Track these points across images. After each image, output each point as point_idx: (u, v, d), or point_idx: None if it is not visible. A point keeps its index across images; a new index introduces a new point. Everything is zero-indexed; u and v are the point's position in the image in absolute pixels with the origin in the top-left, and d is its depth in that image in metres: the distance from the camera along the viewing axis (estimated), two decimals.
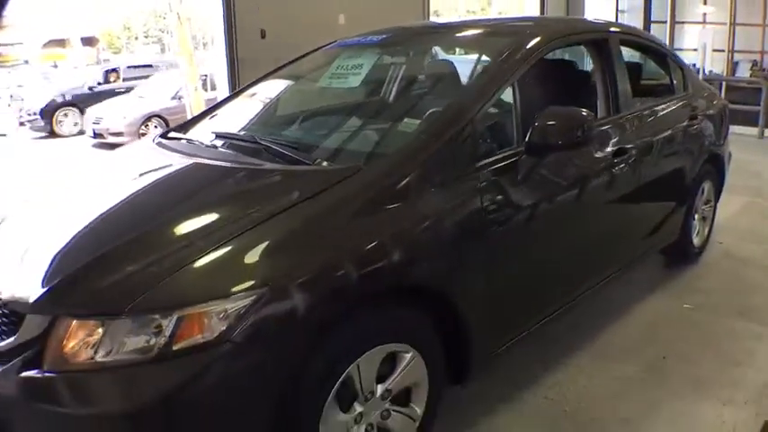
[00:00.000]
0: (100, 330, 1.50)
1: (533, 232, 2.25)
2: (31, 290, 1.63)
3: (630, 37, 3.33)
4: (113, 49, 46.51)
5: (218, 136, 2.44)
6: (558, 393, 2.52)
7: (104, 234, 1.84)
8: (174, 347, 1.46)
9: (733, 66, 12.51)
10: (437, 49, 3.03)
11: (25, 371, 1.55)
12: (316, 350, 1.61)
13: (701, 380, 2.60)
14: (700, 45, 10.56)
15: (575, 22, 3.68)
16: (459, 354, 2.04)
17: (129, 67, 14.88)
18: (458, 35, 3.16)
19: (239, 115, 2.91)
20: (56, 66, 29.76)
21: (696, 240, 3.88)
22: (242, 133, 2.53)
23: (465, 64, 2.66)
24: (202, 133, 2.59)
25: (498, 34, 2.83)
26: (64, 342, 1.52)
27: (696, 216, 3.80)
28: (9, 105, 20.79)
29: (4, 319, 1.69)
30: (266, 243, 1.63)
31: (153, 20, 44.66)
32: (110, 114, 12.07)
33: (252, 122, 2.77)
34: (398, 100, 2.79)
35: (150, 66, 14.83)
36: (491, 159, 2.09)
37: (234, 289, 1.51)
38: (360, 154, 2.07)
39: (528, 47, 2.44)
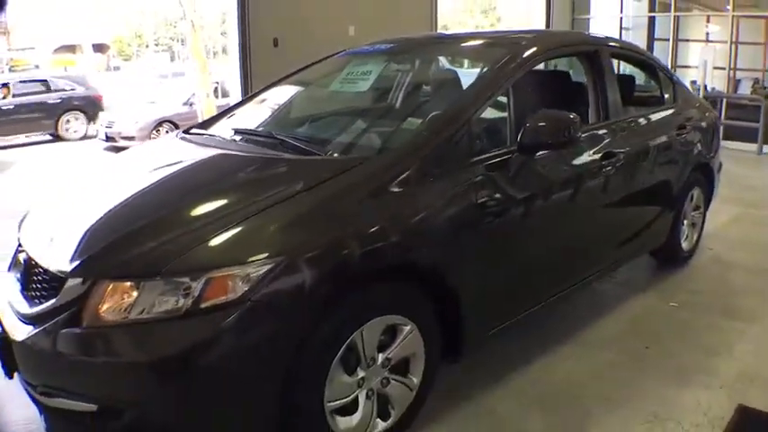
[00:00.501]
0: (135, 292, 1.71)
1: (523, 225, 2.47)
2: (72, 257, 1.86)
3: (622, 50, 3.56)
4: (124, 56, 47.09)
5: (238, 132, 2.68)
6: (545, 375, 2.72)
7: (139, 210, 2.07)
8: (202, 306, 1.67)
9: (735, 83, 12.71)
10: (440, 58, 3.26)
11: (65, 329, 1.76)
12: (325, 314, 1.83)
13: (680, 367, 2.79)
14: (700, 62, 10.78)
15: (569, 35, 3.93)
16: (454, 332, 2.24)
17: (21, 82, 13.22)
18: (460, 45, 3.40)
19: (256, 115, 3.14)
20: (66, 71, 30.34)
21: (685, 245, 4.07)
22: (260, 129, 2.76)
23: (465, 71, 2.89)
24: (222, 130, 2.83)
25: (496, 45, 3.06)
26: (101, 303, 1.73)
27: (685, 221, 3.99)
28: None
29: (44, 285, 1.92)
30: (283, 220, 1.86)
31: (164, 28, 45.26)
32: (122, 118, 12.36)
33: (267, 121, 3.00)
34: (403, 103, 3.03)
35: (45, 81, 13.18)
36: (485, 156, 2.32)
37: (255, 257, 1.72)
38: (367, 148, 2.31)
39: (523, 56, 2.67)
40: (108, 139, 12.10)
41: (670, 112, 3.70)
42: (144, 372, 1.69)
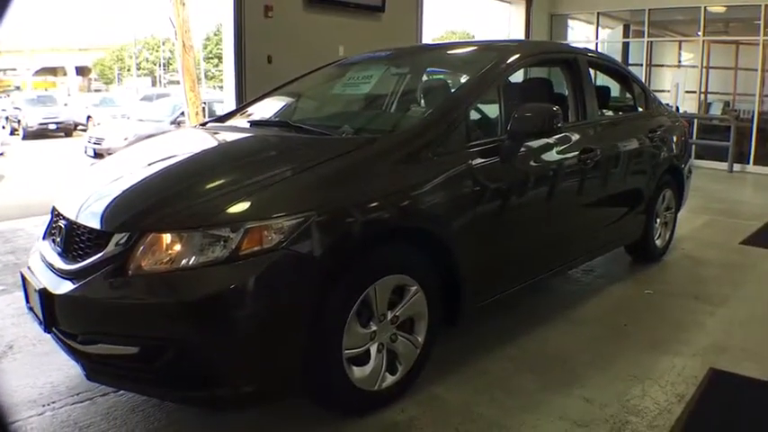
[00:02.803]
0: (178, 245, 1.93)
1: (512, 203, 2.75)
2: (118, 215, 2.08)
3: (598, 60, 3.92)
4: (105, 80, 47.22)
5: (254, 123, 2.94)
6: (535, 344, 2.98)
7: (177, 176, 2.32)
8: (241, 253, 1.90)
9: (707, 106, 13.29)
10: (435, 62, 3.58)
11: (111, 279, 1.96)
12: (345, 269, 2.07)
13: (656, 339, 3.07)
14: (672, 85, 11.32)
15: (550, 44, 4.29)
16: (453, 297, 2.50)
17: None
18: (453, 51, 3.73)
19: (265, 113, 3.40)
20: (47, 93, 30.39)
21: (658, 242, 4.39)
22: (276, 120, 3.04)
23: (458, 72, 3.21)
24: (238, 122, 3.09)
25: (486, 50, 3.38)
26: (147, 254, 1.94)
27: (658, 220, 4.31)
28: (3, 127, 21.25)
29: (87, 244, 2.12)
30: (309, 183, 2.11)
31: (146, 52, 45.52)
32: (111, 135, 12.53)
33: (280, 116, 3.27)
34: (405, 99, 3.32)
35: None
36: (480, 142, 2.62)
37: (288, 211, 1.97)
38: (378, 130, 2.59)
39: (510, 59, 2.99)
40: (96, 155, 12.26)
41: (642, 117, 4.05)
42: (186, 312, 1.89)
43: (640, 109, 4.19)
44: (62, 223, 2.31)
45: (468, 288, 2.53)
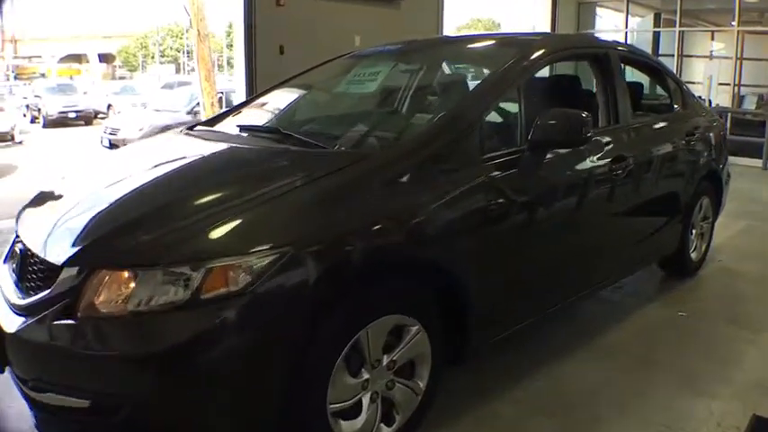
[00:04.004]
0: (132, 283, 1.65)
1: (533, 226, 2.41)
2: (69, 246, 1.79)
3: (633, 56, 3.52)
4: (129, 67, 47.45)
5: (243, 128, 2.63)
6: (553, 381, 2.65)
7: (139, 200, 2.00)
8: (202, 297, 1.61)
9: (739, 99, 12.71)
10: (449, 58, 3.23)
11: (59, 321, 1.69)
12: (330, 311, 1.76)
13: (691, 376, 2.72)
14: (705, 77, 10.79)
15: (578, 38, 3.90)
16: (460, 334, 2.18)
17: None
18: (469, 46, 3.36)
19: (260, 114, 3.10)
20: (71, 80, 30.50)
21: (694, 255, 4.01)
22: (265, 126, 2.71)
23: (475, 70, 2.86)
24: (227, 127, 2.79)
25: (506, 45, 3.02)
26: (98, 293, 1.67)
27: (694, 231, 3.93)
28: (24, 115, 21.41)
29: (39, 275, 1.85)
30: (288, 211, 1.80)
31: (170, 39, 45.58)
32: (126, 125, 12.38)
33: (273, 120, 2.96)
34: (412, 102, 2.98)
35: None
36: (495, 154, 2.27)
37: (259, 247, 1.66)
38: (376, 142, 2.25)
39: (533, 56, 2.63)
40: (111, 145, 12.12)
41: (679, 119, 3.67)
42: (141, 365, 1.63)
43: (676, 107, 3.79)
44: (19, 248, 2.05)
45: (479, 324, 2.21)
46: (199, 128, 2.85)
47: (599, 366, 2.80)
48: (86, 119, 20.70)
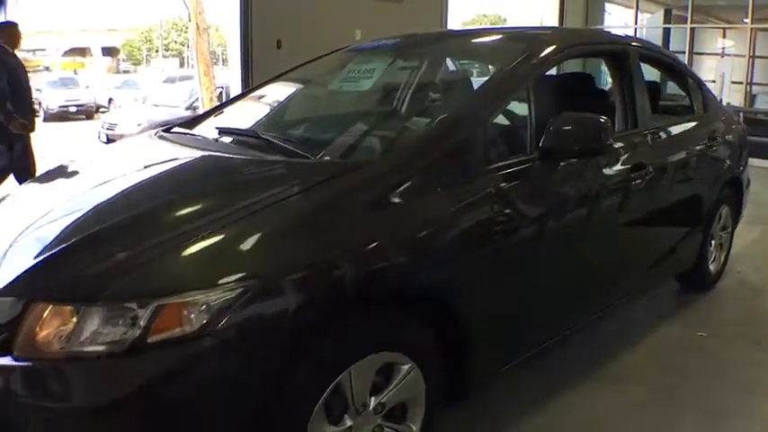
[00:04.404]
0: (74, 318, 1.40)
1: (544, 244, 2.14)
2: (6, 273, 1.54)
3: (651, 53, 3.24)
4: (133, 61, 47.23)
5: (222, 131, 2.37)
6: (565, 414, 2.39)
7: (93, 220, 1.74)
8: (150, 340, 1.36)
9: (752, 98, 12.40)
10: (451, 55, 2.95)
11: None
12: (305, 353, 1.50)
13: (714, 408, 2.46)
14: (718, 76, 10.48)
15: (593, 33, 3.61)
16: (460, 369, 1.92)
17: None
18: (473, 41, 3.07)
19: (246, 115, 2.84)
20: (76, 73, 30.28)
21: (712, 267, 3.74)
22: (246, 129, 2.44)
23: (479, 68, 2.58)
24: (205, 129, 2.53)
25: (514, 41, 2.75)
26: (37, 328, 1.42)
27: (713, 242, 3.67)
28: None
29: None
30: (258, 234, 1.54)
31: (174, 33, 45.33)
32: (124, 121, 12.17)
33: (257, 121, 2.70)
34: (410, 103, 2.70)
35: None
36: (503, 164, 2.00)
37: (219, 280, 1.41)
38: (366, 151, 1.99)
39: (544, 53, 2.36)
40: (109, 141, 11.89)
41: (700, 122, 3.39)
42: (79, 418, 1.38)
43: (696, 110, 3.51)
44: None
45: (483, 356, 1.95)
46: (176, 130, 2.58)
47: (610, 396, 2.53)
48: (88, 113, 20.48)
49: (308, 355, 1.50)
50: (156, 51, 45.81)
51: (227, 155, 2.08)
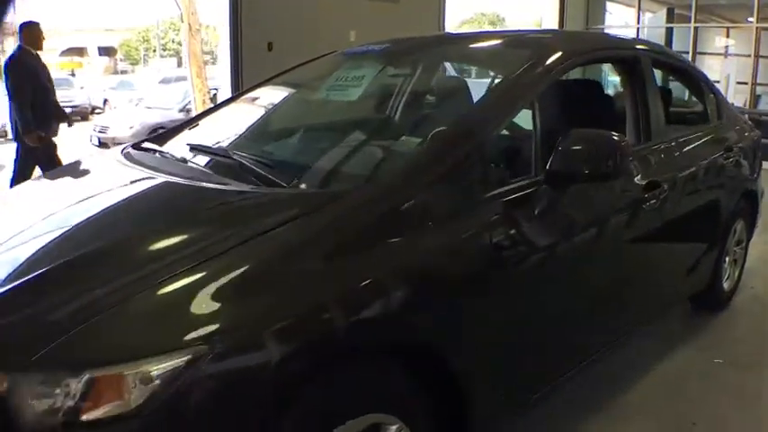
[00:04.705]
0: (5, 385, 1.17)
1: (551, 279, 1.91)
2: None
3: (662, 57, 3.00)
4: (131, 60, 46.95)
5: (192, 149, 2.13)
6: None
7: (30, 263, 1.50)
8: (83, 417, 1.13)
9: (755, 99, 12.18)
10: (446, 62, 2.71)
11: None
12: (273, 424, 1.27)
13: None
14: (722, 76, 10.24)
15: (602, 38, 3.37)
16: (457, 424, 1.68)
17: None
18: (470, 46, 2.83)
19: (224, 127, 2.61)
20: (73, 74, 30.01)
21: (726, 285, 3.51)
22: (216, 147, 2.19)
23: (477, 78, 2.34)
24: (178, 145, 2.29)
25: (516, 47, 2.51)
26: None
27: (727, 259, 3.44)
28: None
29: None
30: (215, 285, 1.29)
31: (172, 33, 45.08)
32: (117, 123, 11.94)
33: (236, 138, 2.44)
34: (400, 118, 2.46)
35: None
36: (504, 189, 1.76)
37: (166, 344, 1.17)
38: (347, 177, 1.74)
39: (550, 61, 2.12)
40: (101, 144, 11.65)
41: (714, 131, 3.16)
42: None
43: (712, 119, 3.28)
44: None
45: (483, 408, 1.72)
46: (146, 145, 2.35)
47: None
48: (83, 114, 20.20)
49: (275, 427, 1.27)
50: (154, 51, 45.51)
51: (191, 183, 1.81)
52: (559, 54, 2.17)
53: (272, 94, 2.83)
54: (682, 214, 2.62)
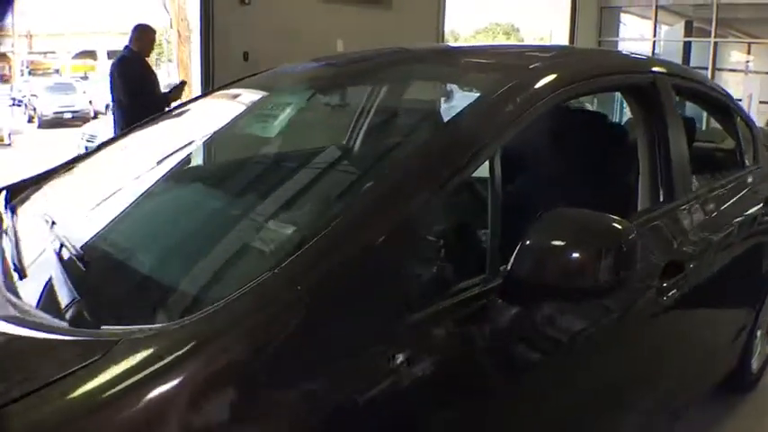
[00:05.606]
0: None
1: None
2: None
3: (688, 83, 2.29)
4: None
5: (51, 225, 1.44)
6: None
7: None
8: None
9: None
10: (397, 88, 2.04)
11: None
12: None
13: None
14: (744, 95, 9.54)
15: (608, 56, 2.66)
16: None
17: None
18: (439, 67, 2.12)
19: (108, 182, 1.88)
20: (86, 77, 29.72)
21: (755, 365, 2.82)
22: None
23: (431, 115, 1.68)
24: (41, 203, 1.64)
25: (490, 70, 1.83)
26: None
27: (759, 332, 2.75)
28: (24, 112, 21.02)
29: None
30: None
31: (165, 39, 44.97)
32: (105, 132, 11.42)
33: (98, 206, 1.68)
34: (282, 188, 1.61)
35: None
36: (434, 309, 1.08)
37: None
38: (171, 303, 1.05)
39: (533, 88, 1.46)
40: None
41: (753, 181, 2.46)
42: None
43: (748, 162, 2.58)
44: None
45: None
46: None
47: None
48: (84, 119, 19.92)
49: None
50: (162, 54, 45.31)
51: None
52: (549, 78, 1.51)
53: (163, 135, 2.11)
54: (706, 299, 1.93)
